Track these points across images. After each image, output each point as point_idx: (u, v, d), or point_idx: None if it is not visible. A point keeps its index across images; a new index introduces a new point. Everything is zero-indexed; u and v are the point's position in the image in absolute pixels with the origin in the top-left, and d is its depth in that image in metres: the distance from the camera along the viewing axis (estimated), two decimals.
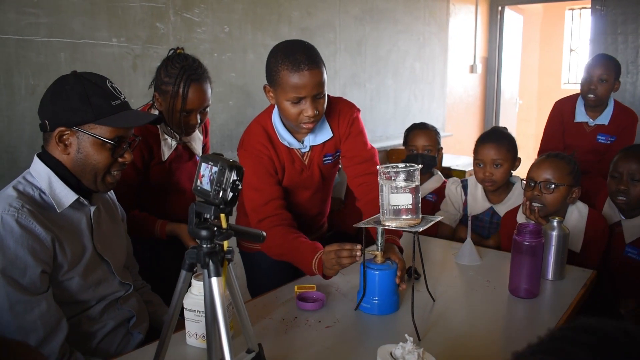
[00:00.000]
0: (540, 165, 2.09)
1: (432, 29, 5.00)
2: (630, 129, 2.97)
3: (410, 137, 2.82)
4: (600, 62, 2.90)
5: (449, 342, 1.45)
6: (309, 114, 1.73)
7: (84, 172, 1.44)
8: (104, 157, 1.43)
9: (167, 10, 2.67)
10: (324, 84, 1.75)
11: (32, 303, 1.31)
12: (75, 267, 1.43)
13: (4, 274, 1.27)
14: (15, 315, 1.29)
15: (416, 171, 1.47)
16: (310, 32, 3.58)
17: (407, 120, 4.64)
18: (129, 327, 1.61)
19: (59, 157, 1.43)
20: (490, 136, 2.41)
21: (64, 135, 1.41)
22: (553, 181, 2.04)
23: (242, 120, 3.15)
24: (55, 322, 1.35)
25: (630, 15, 5.11)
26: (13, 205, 1.31)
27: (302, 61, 1.68)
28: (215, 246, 1.08)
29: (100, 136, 1.41)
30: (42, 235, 1.32)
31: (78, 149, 1.42)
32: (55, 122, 1.40)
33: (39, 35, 2.20)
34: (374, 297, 1.59)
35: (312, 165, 1.95)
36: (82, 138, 1.41)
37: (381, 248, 1.59)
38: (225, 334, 1.03)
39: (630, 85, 5.20)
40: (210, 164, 1.08)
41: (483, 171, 2.35)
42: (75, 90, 1.40)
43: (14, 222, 1.29)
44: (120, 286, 1.59)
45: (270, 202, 1.85)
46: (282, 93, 1.73)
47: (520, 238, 1.71)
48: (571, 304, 1.67)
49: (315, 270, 1.70)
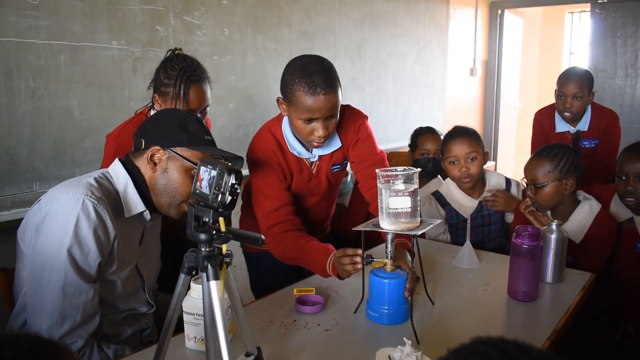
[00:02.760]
0: (527, 167, 2.17)
1: (432, 32, 5.00)
2: (611, 128, 2.98)
3: (419, 141, 2.81)
4: (573, 79, 2.89)
5: (448, 345, 1.44)
6: (320, 134, 1.75)
7: (163, 192, 1.50)
8: (187, 183, 1.49)
9: (167, 13, 2.67)
10: (338, 106, 1.77)
11: (82, 289, 1.36)
12: (121, 272, 1.50)
13: (69, 252, 1.33)
14: (64, 296, 1.34)
15: (415, 174, 1.48)
16: (310, 35, 3.58)
17: (407, 123, 4.64)
18: (142, 337, 1.65)
19: (143, 172, 1.50)
20: (459, 132, 2.40)
21: (157, 154, 1.48)
22: (538, 181, 2.10)
23: (242, 123, 3.16)
24: (93, 312, 1.40)
25: (629, 19, 5.12)
26: (95, 194, 1.39)
27: (319, 84, 1.68)
28: (214, 249, 1.08)
29: (190, 159, 1.47)
30: (110, 228, 1.40)
31: (165, 169, 1.49)
32: (152, 142, 1.48)
33: (39, 38, 2.21)
34: (384, 307, 1.55)
35: (319, 174, 1.96)
36: (172, 160, 1.49)
37: (391, 256, 1.56)
38: (224, 337, 1.04)
39: (630, 88, 5.20)
40: (209, 168, 1.09)
41: (458, 168, 2.34)
42: (176, 118, 1.51)
43: (92, 209, 1.36)
44: (146, 303, 1.64)
45: (281, 208, 1.87)
46: (295, 111, 1.74)
47: (519, 241, 1.71)
48: (570, 307, 1.67)
49: (330, 272, 1.72)
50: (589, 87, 2.90)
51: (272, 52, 3.31)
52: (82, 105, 2.39)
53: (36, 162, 2.25)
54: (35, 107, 2.23)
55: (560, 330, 1.54)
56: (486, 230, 2.42)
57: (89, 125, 2.42)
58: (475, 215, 2.39)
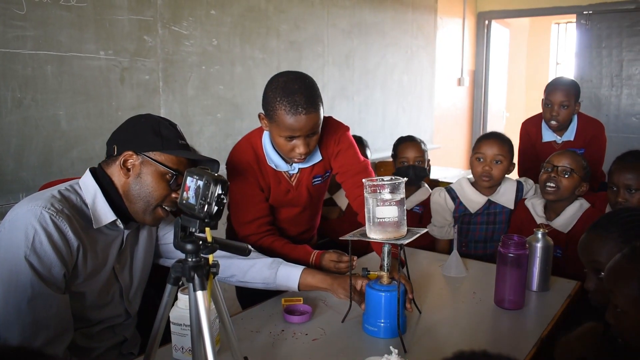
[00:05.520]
0: (562, 155, 2.30)
1: (420, 42, 5.05)
2: (596, 138, 3.01)
3: (400, 149, 2.83)
4: (560, 88, 2.92)
5: (435, 354, 1.45)
6: (301, 151, 1.77)
7: (137, 198, 1.48)
8: (161, 187, 1.47)
9: (155, 23, 2.68)
10: (320, 124, 1.78)
11: (52, 299, 1.33)
12: (90, 282, 1.46)
13: (29, 264, 1.30)
14: (34, 309, 1.30)
15: (401, 184, 1.48)
16: (298, 45, 3.60)
17: (395, 133, 4.65)
18: (121, 349, 1.62)
19: (116, 180, 1.48)
20: (493, 135, 2.49)
21: (130, 160, 1.46)
22: (570, 167, 2.22)
23: (230, 133, 3.16)
24: (66, 325, 1.38)
25: (614, 30, 5.19)
26: (54, 206, 1.36)
27: (300, 104, 1.68)
28: (200, 260, 1.09)
29: (163, 163, 1.46)
30: (71, 240, 1.37)
31: (139, 174, 1.47)
32: (124, 147, 1.46)
33: (26, 48, 2.20)
34: (380, 320, 1.53)
35: (300, 186, 1.97)
36: (145, 164, 1.47)
37: (387, 268, 1.55)
38: (211, 348, 1.04)
39: (615, 98, 5.27)
40: (196, 178, 1.09)
41: (482, 165, 2.40)
42: (148, 124, 1.49)
43: (49, 220, 1.33)
44: (123, 312, 1.60)
45: (256, 220, 1.92)
46: (276, 129, 1.76)
47: (505, 250, 1.72)
48: (555, 314, 1.69)
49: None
50: (576, 96, 2.93)
51: (261, 62, 3.32)
52: (69, 115, 2.38)
53: (22, 172, 2.24)
54: (22, 117, 2.22)
55: (546, 338, 1.55)
56: (490, 229, 2.48)
57: (76, 135, 2.41)
58: (482, 212, 2.46)
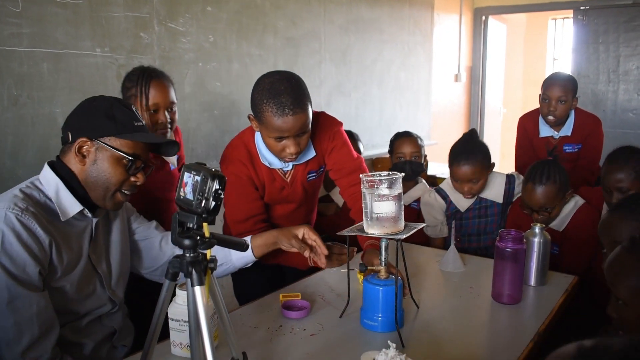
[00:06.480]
0: (532, 197, 2.22)
1: (417, 38, 5.04)
2: (593, 133, 3.02)
3: (396, 145, 2.84)
4: (557, 83, 2.93)
5: (432, 349, 1.46)
6: (292, 151, 1.78)
7: (95, 185, 1.46)
8: (119, 172, 1.45)
9: (151, 20, 2.67)
10: (309, 123, 1.78)
11: (31, 299, 1.32)
12: (69, 275, 1.45)
13: (2, 266, 1.29)
14: (13, 310, 1.30)
15: (399, 179, 1.49)
16: (295, 42, 3.59)
17: (392, 129, 4.64)
18: (113, 341, 1.61)
19: (73, 168, 1.46)
20: (464, 154, 2.42)
21: (84, 146, 1.44)
22: (549, 205, 2.20)
23: (227, 130, 3.16)
24: (50, 322, 1.37)
25: (611, 25, 5.19)
26: (18, 205, 1.34)
27: (286, 105, 1.68)
28: (198, 255, 1.09)
29: (119, 149, 1.44)
30: (42, 236, 1.35)
31: (95, 160, 1.45)
32: (78, 134, 1.44)
33: (22, 46, 2.19)
34: (378, 314, 1.53)
35: (294, 183, 1.98)
36: (100, 150, 1.44)
37: (385, 263, 1.56)
38: (209, 343, 1.04)
39: (612, 93, 5.27)
40: (193, 174, 1.09)
41: (461, 187, 2.44)
42: (102, 107, 1.46)
43: (15, 220, 1.32)
44: (108, 301, 1.59)
45: (249, 219, 1.93)
46: (265, 130, 1.77)
47: (503, 244, 1.72)
48: (553, 309, 1.69)
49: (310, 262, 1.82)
50: (573, 91, 2.94)
51: (257, 59, 3.31)
52: (65, 112, 2.33)
53: (19, 170, 2.24)
54: (18, 115, 2.22)
55: (543, 333, 1.55)
56: (483, 222, 2.51)
57: None
58: (473, 207, 2.49)
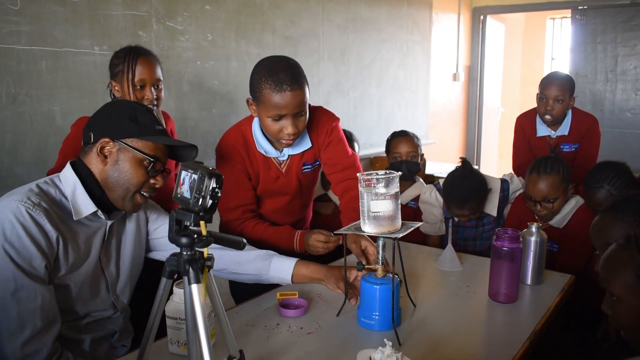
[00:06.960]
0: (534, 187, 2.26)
1: (415, 37, 5.05)
2: (591, 133, 3.02)
3: (392, 144, 2.85)
4: (555, 82, 2.93)
5: (429, 347, 1.46)
6: (289, 132, 1.80)
7: (116, 185, 1.48)
8: (140, 173, 1.47)
9: (149, 18, 2.67)
10: (306, 103, 1.81)
11: (36, 291, 1.33)
12: (73, 274, 1.46)
13: (9, 256, 1.30)
14: (18, 301, 1.31)
15: (396, 178, 1.49)
16: (294, 41, 3.59)
17: (390, 128, 4.64)
18: (112, 342, 1.62)
19: (94, 169, 1.48)
20: (459, 201, 2.41)
21: (107, 147, 1.46)
22: (552, 196, 2.23)
23: (225, 128, 3.11)
24: (53, 316, 1.38)
25: (609, 25, 5.19)
26: (31, 199, 1.37)
27: (285, 81, 1.72)
28: (195, 253, 1.09)
29: (141, 150, 1.46)
30: (50, 231, 1.37)
31: (116, 161, 1.46)
32: (101, 134, 1.46)
33: (20, 44, 2.20)
34: (375, 313, 1.54)
35: (289, 173, 1.99)
36: (122, 151, 1.46)
37: (382, 262, 1.57)
38: (206, 341, 1.04)
39: (610, 93, 5.28)
40: (190, 172, 1.09)
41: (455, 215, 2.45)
42: (125, 109, 1.49)
43: (25, 213, 1.34)
44: (110, 306, 1.60)
45: (240, 207, 1.96)
46: (263, 110, 1.79)
47: (499, 243, 1.73)
48: (549, 308, 1.70)
49: (297, 247, 1.92)
50: (571, 91, 2.94)
51: (256, 58, 3.30)
52: (64, 110, 2.38)
53: (18, 168, 2.24)
54: (16, 113, 2.22)
55: (540, 331, 1.56)
56: (479, 229, 2.52)
57: None
58: None
